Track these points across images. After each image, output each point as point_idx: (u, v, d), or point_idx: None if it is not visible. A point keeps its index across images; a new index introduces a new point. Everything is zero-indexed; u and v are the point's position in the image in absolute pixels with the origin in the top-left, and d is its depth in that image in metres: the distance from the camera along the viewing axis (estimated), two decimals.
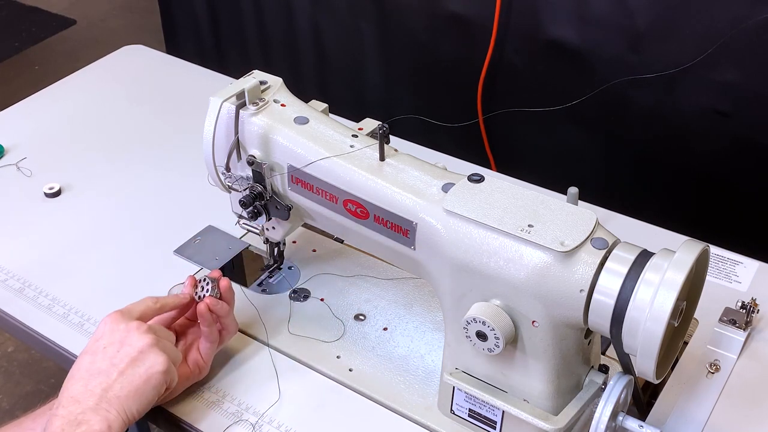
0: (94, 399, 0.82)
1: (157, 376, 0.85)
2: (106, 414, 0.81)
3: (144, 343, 0.86)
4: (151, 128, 1.43)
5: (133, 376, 0.84)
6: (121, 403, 0.83)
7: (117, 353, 0.85)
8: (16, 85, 2.95)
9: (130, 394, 0.84)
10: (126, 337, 0.86)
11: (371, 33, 2.00)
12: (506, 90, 1.81)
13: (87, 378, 0.84)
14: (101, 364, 0.85)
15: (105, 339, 0.87)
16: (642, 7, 1.53)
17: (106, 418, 0.81)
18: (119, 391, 0.83)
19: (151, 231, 1.20)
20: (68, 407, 0.82)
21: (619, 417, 0.83)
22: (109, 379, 0.84)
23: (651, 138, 1.66)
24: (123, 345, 0.86)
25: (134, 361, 0.85)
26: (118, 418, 0.82)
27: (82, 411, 0.81)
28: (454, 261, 0.81)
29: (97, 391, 0.83)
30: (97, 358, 0.85)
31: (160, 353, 0.86)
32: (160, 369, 0.85)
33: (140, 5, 3.43)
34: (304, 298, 1.07)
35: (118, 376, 0.84)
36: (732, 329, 0.98)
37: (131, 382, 0.84)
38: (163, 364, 0.86)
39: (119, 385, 0.84)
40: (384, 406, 0.94)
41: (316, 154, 0.91)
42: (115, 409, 0.82)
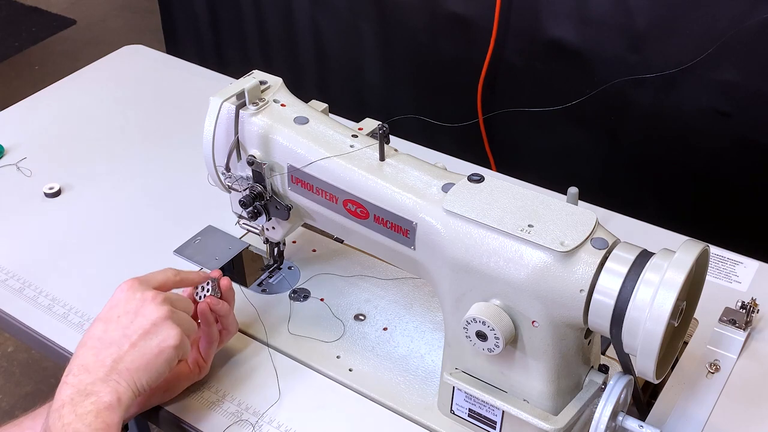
0: (105, 370, 0.82)
1: (169, 350, 0.84)
2: (116, 386, 0.81)
3: (158, 315, 0.85)
4: (151, 128, 1.43)
5: (144, 349, 0.83)
6: (131, 375, 0.82)
7: (131, 324, 0.84)
8: (16, 85, 2.95)
9: (141, 367, 0.83)
10: (141, 308, 0.85)
11: (371, 33, 2.00)
12: (506, 90, 1.81)
13: (99, 348, 0.83)
14: (114, 333, 0.84)
15: (120, 308, 0.86)
16: (642, 7, 1.53)
17: (115, 389, 0.81)
18: (130, 364, 0.82)
19: (151, 231, 1.20)
20: (78, 376, 0.81)
21: (619, 417, 0.83)
22: (120, 351, 0.83)
23: (651, 138, 1.66)
24: (137, 315, 0.85)
25: (147, 334, 0.84)
26: (128, 390, 0.81)
27: (92, 381, 0.81)
28: (454, 261, 0.81)
29: (108, 362, 0.82)
30: (110, 327, 0.84)
31: (173, 326, 0.85)
32: (172, 343, 0.84)
33: (140, 5, 3.43)
34: (304, 298, 1.07)
35: (129, 348, 0.83)
36: (732, 329, 0.98)
37: (143, 354, 0.83)
38: (176, 338, 0.85)
39: (130, 357, 0.83)
40: (384, 406, 0.94)
41: (316, 154, 0.91)
42: (125, 380, 0.81)
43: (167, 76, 1.60)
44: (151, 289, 0.87)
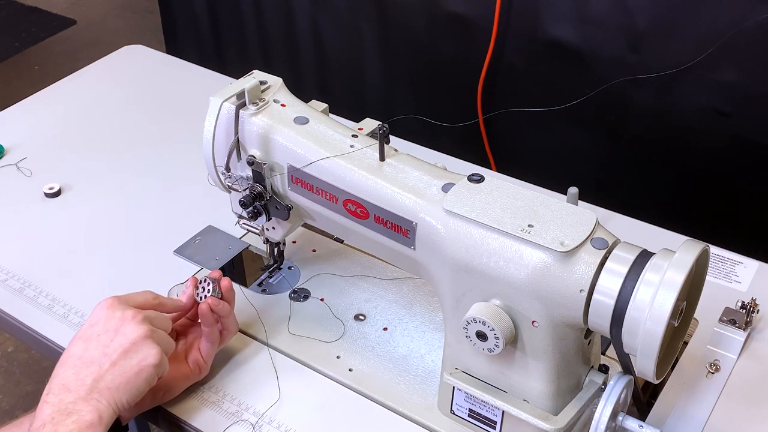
0: (85, 389, 0.82)
1: (148, 369, 0.85)
2: (96, 404, 0.81)
3: (138, 334, 0.85)
4: (151, 128, 1.43)
5: (124, 368, 0.84)
6: (111, 394, 0.82)
7: (110, 342, 0.84)
8: (16, 85, 2.95)
9: (121, 386, 0.83)
10: (121, 326, 0.85)
11: (371, 33, 2.00)
12: (506, 90, 1.81)
13: (79, 366, 0.83)
14: (94, 352, 0.84)
15: (100, 326, 0.86)
16: (642, 7, 1.53)
17: (96, 408, 0.81)
18: (110, 383, 0.83)
19: (151, 231, 1.20)
20: (59, 395, 0.81)
21: (619, 417, 0.83)
22: (101, 370, 0.83)
23: (651, 138, 1.66)
24: (117, 334, 0.85)
25: (127, 353, 0.84)
26: (108, 409, 0.81)
27: (73, 400, 0.81)
28: (454, 261, 0.81)
29: (89, 381, 0.82)
30: (90, 346, 0.85)
31: (153, 345, 0.85)
32: (152, 362, 0.85)
33: (140, 5, 3.43)
34: (304, 298, 1.07)
35: (110, 366, 0.83)
36: (732, 329, 0.98)
37: (123, 373, 0.83)
38: (156, 357, 0.85)
39: (111, 376, 0.83)
40: (384, 406, 0.94)
41: (316, 154, 0.91)
42: (106, 399, 0.82)
43: (167, 76, 1.60)
44: (130, 308, 0.88)
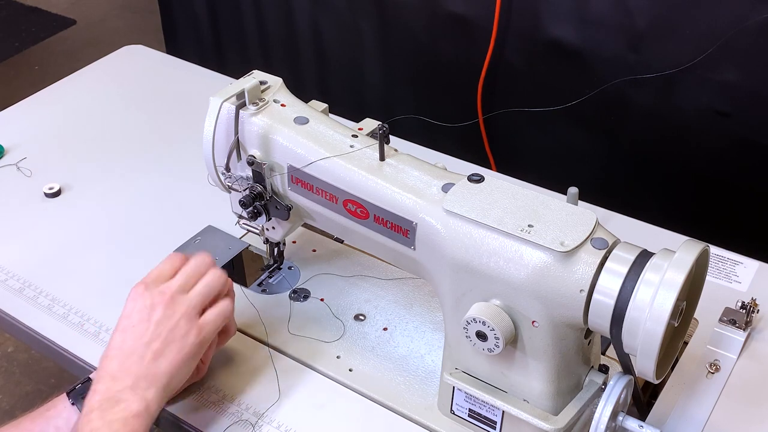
0: (131, 378, 0.82)
1: (191, 348, 0.85)
2: (143, 393, 0.82)
3: (173, 319, 0.85)
4: (151, 128, 1.43)
5: (167, 354, 0.84)
6: (159, 380, 0.83)
7: (146, 331, 0.85)
8: (16, 85, 2.95)
9: (167, 371, 0.84)
10: (152, 314, 0.85)
11: (371, 33, 2.00)
12: (506, 90, 1.81)
13: (121, 357, 0.84)
14: (133, 342, 0.84)
15: (134, 317, 0.86)
16: (642, 7, 1.53)
17: (143, 397, 0.81)
18: (156, 369, 0.83)
19: (151, 231, 1.20)
20: (106, 383, 0.82)
21: (619, 417, 0.83)
22: (144, 359, 0.83)
23: (651, 138, 1.66)
24: (150, 323, 0.85)
25: (166, 339, 0.85)
26: (157, 396, 0.82)
27: (121, 389, 0.81)
28: (454, 261, 0.81)
29: (133, 370, 0.83)
30: (128, 337, 0.85)
31: (191, 325, 0.86)
32: (193, 341, 0.85)
33: (140, 5, 3.43)
34: (304, 298, 1.07)
35: (152, 355, 0.84)
36: (732, 329, 0.98)
37: (167, 357, 0.84)
38: (195, 334, 0.86)
39: (155, 363, 0.83)
40: (384, 406, 0.94)
41: (316, 154, 0.91)
42: (154, 387, 0.82)
43: (167, 76, 1.60)
44: (158, 291, 0.87)
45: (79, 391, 0.86)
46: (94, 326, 1.04)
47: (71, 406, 0.85)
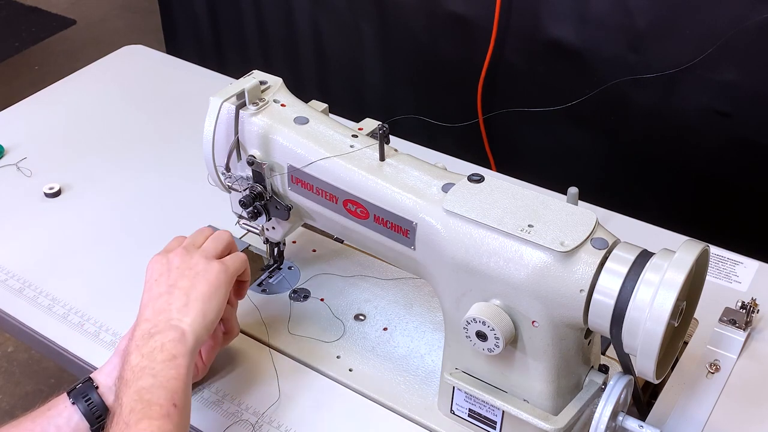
0: (165, 314, 0.83)
1: (218, 276, 0.87)
2: (178, 323, 0.83)
3: (192, 260, 0.88)
4: (151, 128, 1.43)
5: (195, 285, 0.85)
6: (191, 309, 0.84)
7: (169, 277, 0.87)
8: (16, 85, 2.95)
9: (199, 298, 0.85)
10: (171, 264, 0.88)
11: (371, 33, 2.00)
12: (506, 90, 1.81)
13: (152, 304, 0.85)
14: (159, 288, 0.86)
15: (154, 275, 0.88)
16: (642, 7, 1.53)
17: (178, 327, 0.82)
18: (187, 300, 0.84)
19: (150, 231, 1.20)
20: (141, 327, 0.83)
21: (619, 417, 0.83)
22: (172, 296, 0.85)
23: (651, 138, 1.66)
24: (171, 270, 0.87)
25: (190, 276, 0.86)
26: (193, 324, 0.83)
27: (154, 324, 0.83)
28: (454, 261, 0.81)
29: (165, 307, 0.84)
30: (153, 289, 0.86)
31: (210, 260, 0.88)
32: (218, 269, 0.87)
33: (140, 5, 3.43)
34: (304, 298, 1.07)
35: (180, 290, 0.85)
36: (732, 329, 0.98)
37: (196, 288, 0.85)
38: (219, 265, 0.87)
39: (185, 295, 0.85)
40: (384, 406, 0.94)
41: (316, 154, 0.91)
42: (188, 317, 0.83)
43: (167, 76, 1.60)
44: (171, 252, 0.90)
45: (79, 391, 0.85)
46: (94, 326, 1.04)
47: (72, 406, 0.85)
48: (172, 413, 0.76)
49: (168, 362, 0.79)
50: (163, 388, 0.77)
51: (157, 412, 0.75)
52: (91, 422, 0.84)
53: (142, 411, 0.75)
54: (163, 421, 0.75)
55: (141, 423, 0.74)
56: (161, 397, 0.77)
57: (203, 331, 0.84)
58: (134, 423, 0.74)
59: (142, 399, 0.76)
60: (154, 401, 0.76)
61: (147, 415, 0.75)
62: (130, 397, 0.77)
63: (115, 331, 1.03)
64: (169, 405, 0.76)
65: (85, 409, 0.84)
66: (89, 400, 0.84)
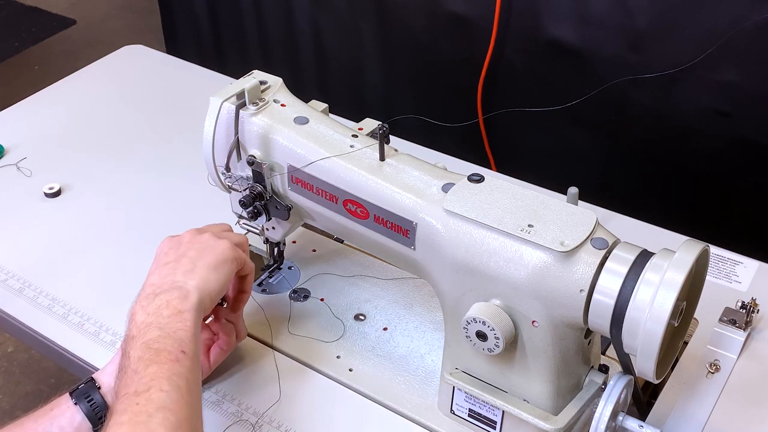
0: (170, 279, 0.84)
1: (225, 251, 0.88)
2: (182, 284, 0.83)
3: (203, 240, 0.89)
4: (151, 128, 1.43)
5: (202, 254, 0.87)
6: (197, 275, 0.85)
7: (179, 249, 0.88)
8: (16, 85, 2.95)
9: (204, 266, 0.86)
10: (182, 241, 0.89)
11: (371, 33, 2.00)
12: (506, 90, 1.81)
13: (158, 270, 0.86)
14: (167, 258, 0.87)
15: (164, 248, 0.89)
16: (642, 7, 1.53)
17: (182, 287, 0.83)
18: (192, 266, 0.85)
19: (151, 231, 1.20)
20: (143, 292, 0.84)
21: (619, 417, 0.83)
22: (179, 263, 0.86)
23: (651, 138, 1.66)
24: (182, 244, 0.89)
25: (199, 248, 0.88)
26: (196, 288, 0.83)
27: (159, 286, 0.83)
28: (454, 261, 0.81)
29: (171, 272, 0.85)
30: (160, 260, 0.88)
31: (221, 240, 0.89)
32: (226, 246, 0.88)
33: (140, 5, 3.43)
34: (304, 298, 1.07)
35: (188, 258, 0.86)
36: (732, 329, 0.98)
37: (202, 257, 0.86)
38: (228, 247, 0.88)
39: (191, 262, 0.86)
40: (384, 406, 0.94)
41: (316, 154, 0.91)
42: (192, 280, 0.84)
43: (167, 76, 1.60)
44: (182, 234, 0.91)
45: (82, 391, 0.85)
46: (94, 326, 1.04)
47: (74, 406, 0.84)
48: (182, 358, 0.77)
49: (174, 316, 0.80)
50: (171, 338, 0.78)
51: (165, 357, 0.76)
52: (94, 423, 0.84)
53: (150, 358, 0.76)
54: (173, 364, 0.76)
55: (150, 368, 0.75)
56: (169, 345, 0.77)
57: (206, 295, 0.85)
58: (143, 369, 0.75)
59: (149, 348, 0.77)
60: (162, 348, 0.77)
61: (155, 360, 0.76)
62: (137, 348, 0.77)
63: (115, 331, 1.03)
64: (177, 351, 0.77)
65: (87, 410, 0.84)
66: (91, 400, 0.84)
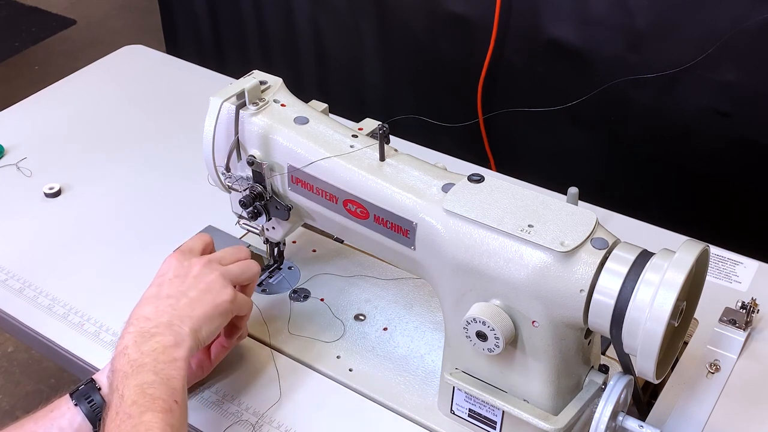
0: (166, 317, 0.83)
1: (224, 304, 0.87)
2: (178, 329, 0.83)
3: (210, 278, 0.88)
4: (151, 128, 1.43)
5: (201, 301, 0.86)
6: (192, 322, 0.84)
7: (183, 283, 0.87)
8: (16, 85, 2.95)
9: (200, 316, 0.85)
10: (190, 271, 0.88)
11: (371, 33, 2.00)
12: (506, 90, 1.81)
13: (156, 302, 0.85)
14: (169, 290, 0.86)
15: (170, 273, 0.88)
16: (642, 7, 1.53)
17: (178, 332, 0.83)
18: (190, 311, 0.84)
19: (151, 231, 1.20)
20: (139, 324, 0.83)
21: (619, 417, 0.83)
22: (179, 302, 0.85)
23: (651, 138, 1.66)
24: (188, 277, 0.87)
25: (201, 291, 0.86)
26: (189, 336, 0.83)
27: (155, 325, 0.83)
28: (454, 261, 0.81)
29: (168, 311, 0.84)
30: (164, 287, 0.87)
31: (226, 285, 0.88)
32: (227, 298, 0.87)
33: (140, 5, 3.43)
34: (304, 298, 1.07)
35: (187, 300, 0.85)
36: (732, 329, 0.98)
37: (201, 304, 0.85)
38: (230, 295, 0.88)
39: (190, 306, 0.85)
40: (384, 406, 0.94)
41: (316, 154, 0.91)
42: (187, 326, 0.83)
43: (167, 76, 1.60)
44: (195, 258, 0.90)
45: (82, 392, 0.85)
46: (94, 326, 1.04)
47: (74, 407, 0.84)
48: (174, 409, 0.77)
49: (169, 363, 0.80)
50: (165, 385, 0.78)
51: (160, 406, 0.76)
52: (94, 424, 0.84)
53: (145, 404, 0.76)
54: (166, 414, 0.76)
55: (145, 415, 0.75)
56: (164, 393, 0.78)
57: (198, 342, 0.85)
58: (138, 415, 0.75)
59: (144, 393, 0.77)
60: (157, 396, 0.77)
61: (150, 408, 0.76)
62: (131, 390, 0.77)
63: (115, 331, 1.03)
64: (171, 401, 0.78)
65: (87, 411, 0.84)
66: (92, 401, 0.84)
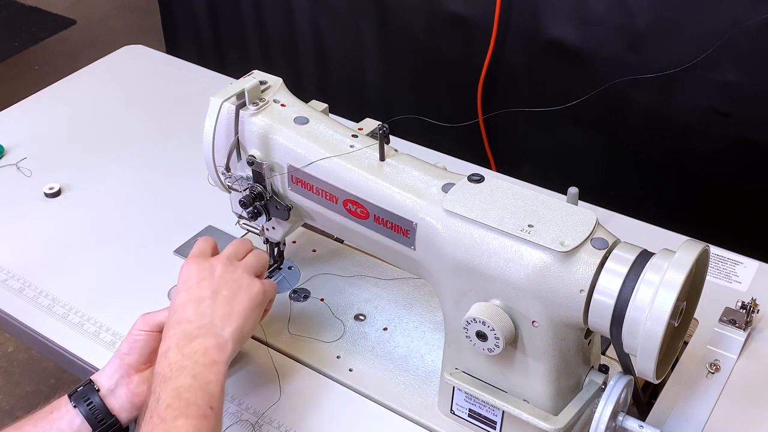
0: (207, 318, 0.84)
1: (258, 295, 0.88)
2: (220, 331, 0.83)
3: (234, 275, 0.88)
4: (150, 128, 1.43)
5: (238, 298, 0.86)
6: (234, 320, 0.85)
7: (212, 285, 0.87)
8: (16, 85, 2.95)
9: (240, 312, 0.86)
10: (213, 272, 0.88)
11: (371, 33, 2.00)
12: (506, 90, 1.81)
13: (194, 305, 0.85)
14: (200, 292, 0.86)
15: (194, 277, 0.88)
16: (642, 7, 1.53)
17: (220, 335, 0.83)
18: (230, 310, 0.85)
19: (151, 231, 1.20)
20: (181, 326, 0.83)
21: (619, 417, 0.83)
22: (215, 302, 0.85)
23: (651, 138, 1.66)
24: (213, 278, 0.88)
25: (233, 288, 0.87)
26: (232, 336, 0.84)
27: (197, 326, 0.83)
28: (454, 261, 0.81)
29: (208, 313, 0.84)
30: (193, 291, 0.87)
31: (252, 277, 0.89)
32: (258, 290, 0.88)
33: (140, 5, 3.43)
34: (304, 298, 1.07)
35: (223, 299, 0.86)
36: (732, 329, 0.98)
37: (238, 301, 0.86)
38: (259, 285, 0.89)
39: (228, 305, 0.85)
40: (384, 406, 0.94)
41: (316, 154, 0.91)
42: (229, 327, 0.84)
43: (167, 76, 1.60)
44: (212, 258, 0.91)
45: (80, 394, 0.85)
46: (94, 326, 1.04)
47: (73, 409, 0.84)
48: (209, 415, 0.77)
49: (209, 366, 0.80)
50: (202, 390, 0.78)
51: (194, 412, 0.76)
52: (93, 426, 0.84)
53: (179, 408, 0.76)
54: (200, 421, 0.76)
55: (178, 420, 0.75)
56: (199, 398, 0.77)
57: (239, 344, 0.85)
58: (171, 419, 0.75)
59: (180, 396, 0.77)
60: (192, 401, 0.77)
61: (184, 413, 0.76)
62: (167, 393, 0.77)
63: (115, 331, 1.03)
64: (206, 407, 0.77)
65: (86, 413, 0.84)
66: (90, 403, 0.84)
